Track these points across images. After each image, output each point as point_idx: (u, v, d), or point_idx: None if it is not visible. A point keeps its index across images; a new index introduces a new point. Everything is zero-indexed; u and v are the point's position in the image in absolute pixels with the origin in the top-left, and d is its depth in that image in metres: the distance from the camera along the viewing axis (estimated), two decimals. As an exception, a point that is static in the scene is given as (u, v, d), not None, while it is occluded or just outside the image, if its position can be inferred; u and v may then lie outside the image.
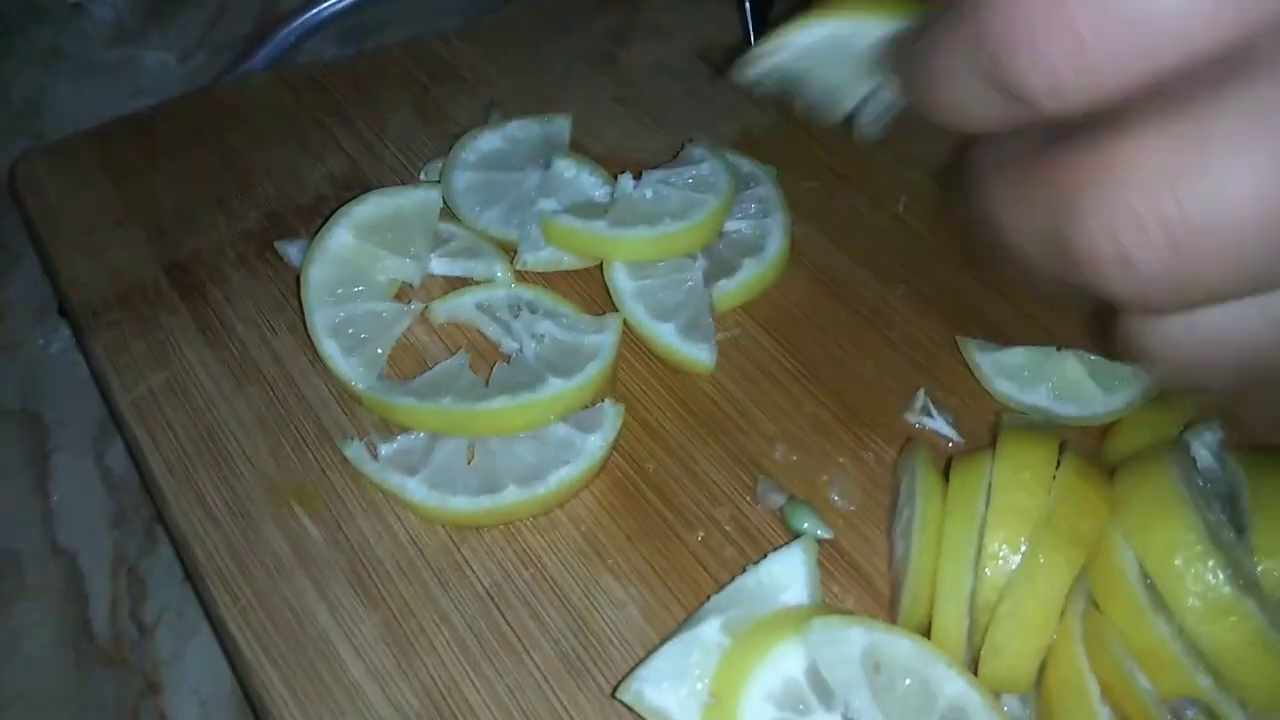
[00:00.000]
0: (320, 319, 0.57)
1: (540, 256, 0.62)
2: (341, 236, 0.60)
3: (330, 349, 0.57)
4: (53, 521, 0.60)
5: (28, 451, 0.63)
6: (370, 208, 0.61)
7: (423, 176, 0.70)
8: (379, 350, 0.58)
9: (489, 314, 0.59)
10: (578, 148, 0.73)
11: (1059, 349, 0.59)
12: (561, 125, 0.70)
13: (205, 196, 0.69)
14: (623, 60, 0.80)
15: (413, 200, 0.62)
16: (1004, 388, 0.59)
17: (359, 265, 0.60)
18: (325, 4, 0.87)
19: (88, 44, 0.90)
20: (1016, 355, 0.60)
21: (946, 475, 0.53)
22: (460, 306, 0.60)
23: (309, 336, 0.58)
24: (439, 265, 0.63)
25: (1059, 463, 0.50)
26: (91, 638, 0.56)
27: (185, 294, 0.63)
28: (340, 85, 0.77)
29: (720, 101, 0.77)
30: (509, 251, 0.63)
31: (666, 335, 0.59)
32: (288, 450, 0.56)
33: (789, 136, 0.74)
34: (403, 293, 0.63)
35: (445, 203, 0.64)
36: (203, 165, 0.71)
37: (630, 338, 0.61)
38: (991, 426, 0.58)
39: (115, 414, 0.59)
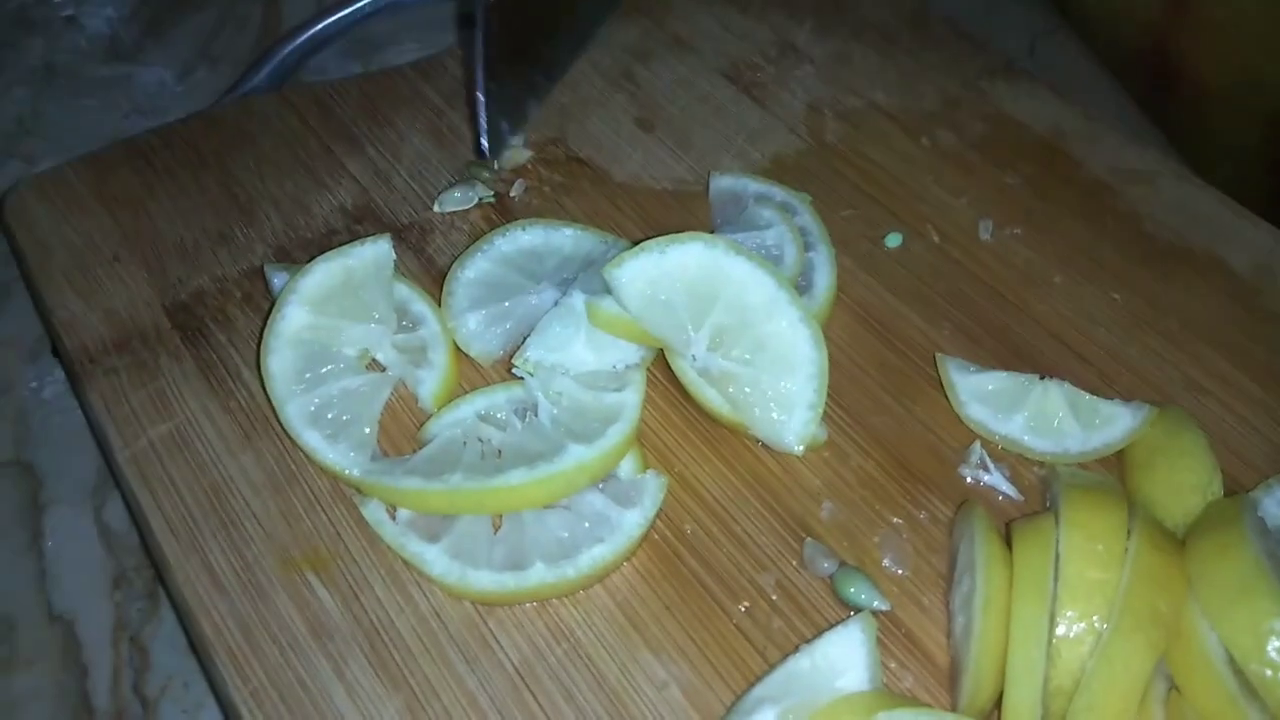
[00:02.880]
0: (293, 411, 0.53)
1: (550, 358, 0.54)
2: (295, 316, 0.54)
3: (313, 441, 0.52)
4: (48, 583, 0.56)
5: (20, 505, 0.59)
6: (318, 277, 0.55)
7: (437, 208, 0.66)
8: (366, 429, 0.53)
9: (493, 422, 0.54)
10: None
11: (1043, 378, 0.56)
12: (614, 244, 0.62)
13: (208, 229, 0.65)
14: (643, 78, 0.76)
15: (361, 260, 0.56)
16: (977, 413, 0.56)
17: (321, 343, 0.55)
18: (331, 18, 0.83)
19: (82, 60, 0.86)
20: (996, 380, 0.56)
21: (1004, 537, 0.49)
22: (458, 419, 0.54)
23: (285, 432, 0.53)
24: (385, 356, 0.57)
25: (1129, 530, 0.46)
26: (91, 713, 0.52)
27: (188, 337, 0.59)
28: (349, 107, 0.73)
29: (749, 124, 0.73)
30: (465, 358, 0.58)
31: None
32: (300, 510, 0.52)
33: (822, 161, 0.71)
34: (376, 361, 0.58)
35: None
36: (205, 195, 0.67)
37: (658, 380, 0.57)
38: (1042, 480, 0.54)
39: (114, 470, 0.56)
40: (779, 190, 0.65)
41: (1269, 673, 0.42)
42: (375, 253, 0.57)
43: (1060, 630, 0.44)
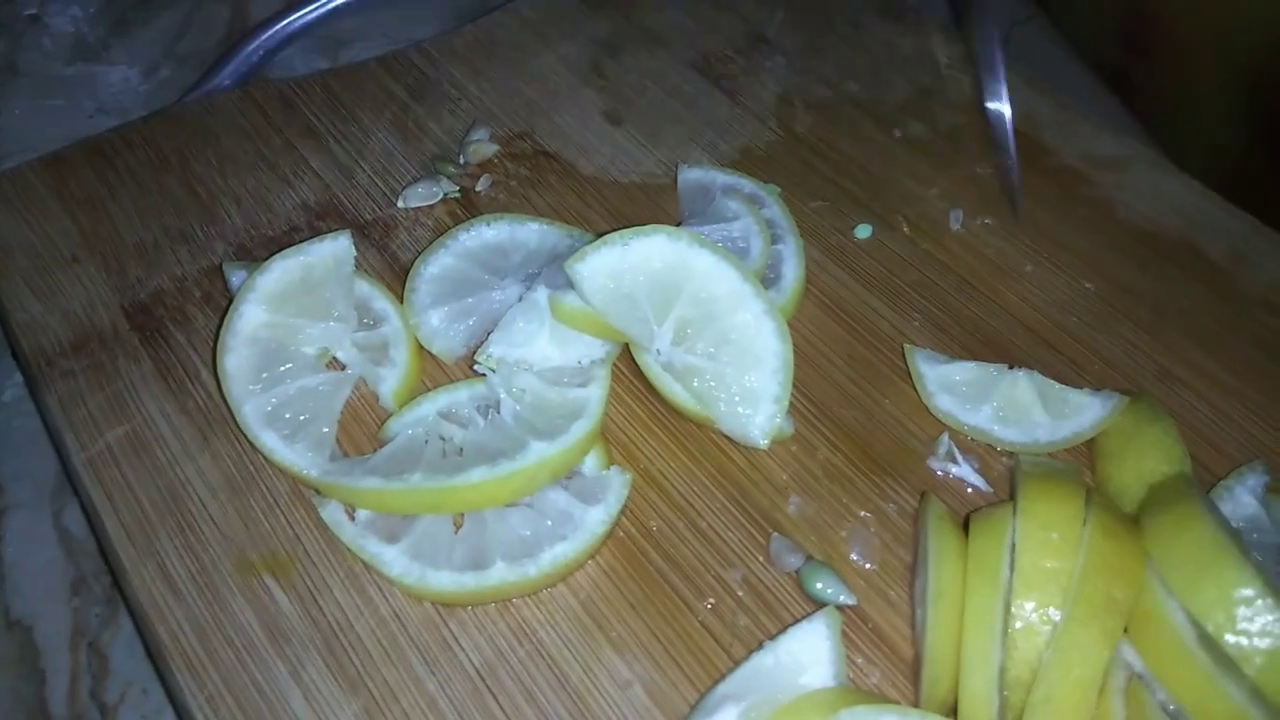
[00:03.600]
0: (250, 411, 0.52)
1: (513, 354, 0.54)
2: (252, 314, 0.53)
3: (270, 441, 0.51)
4: (6, 589, 0.55)
5: (-22, 511, 0.58)
6: (276, 275, 0.54)
7: (401, 204, 0.65)
8: (324, 429, 0.52)
9: (455, 420, 0.53)
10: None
11: (1011, 367, 0.55)
12: (580, 237, 0.61)
13: (168, 228, 0.64)
14: (613, 71, 0.75)
15: (321, 256, 0.55)
16: (945, 404, 0.55)
17: (279, 342, 0.54)
18: (296, 15, 0.82)
19: (45, 59, 0.85)
20: (965, 370, 0.56)
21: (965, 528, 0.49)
22: (420, 418, 0.53)
23: (242, 433, 0.52)
24: (345, 355, 0.56)
25: (1085, 518, 0.45)
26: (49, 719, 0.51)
27: (146, 338, 0.58)
28: (313, 103, 0.72)
29: (719, 116, 0.72)
30: (427, 356, 0.57)
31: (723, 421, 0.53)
32: (258, 512, 0.51)
33: (791, 153, 0.70)
34: (336, 360, 0.57)
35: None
36: (165, 194, 0.66)
37: (622, 375, 0.56)
38: (1010, 470, 0.54)
39: (70, 474, 0.55)
40: (747, 182, 0.64)
41: (1245, 642, 0.42)
42: (335, 249, 0.56)
43: (1016, 621, 0.43)
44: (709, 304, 0.52)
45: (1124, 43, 0.90)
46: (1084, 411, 0.53)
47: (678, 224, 0.60)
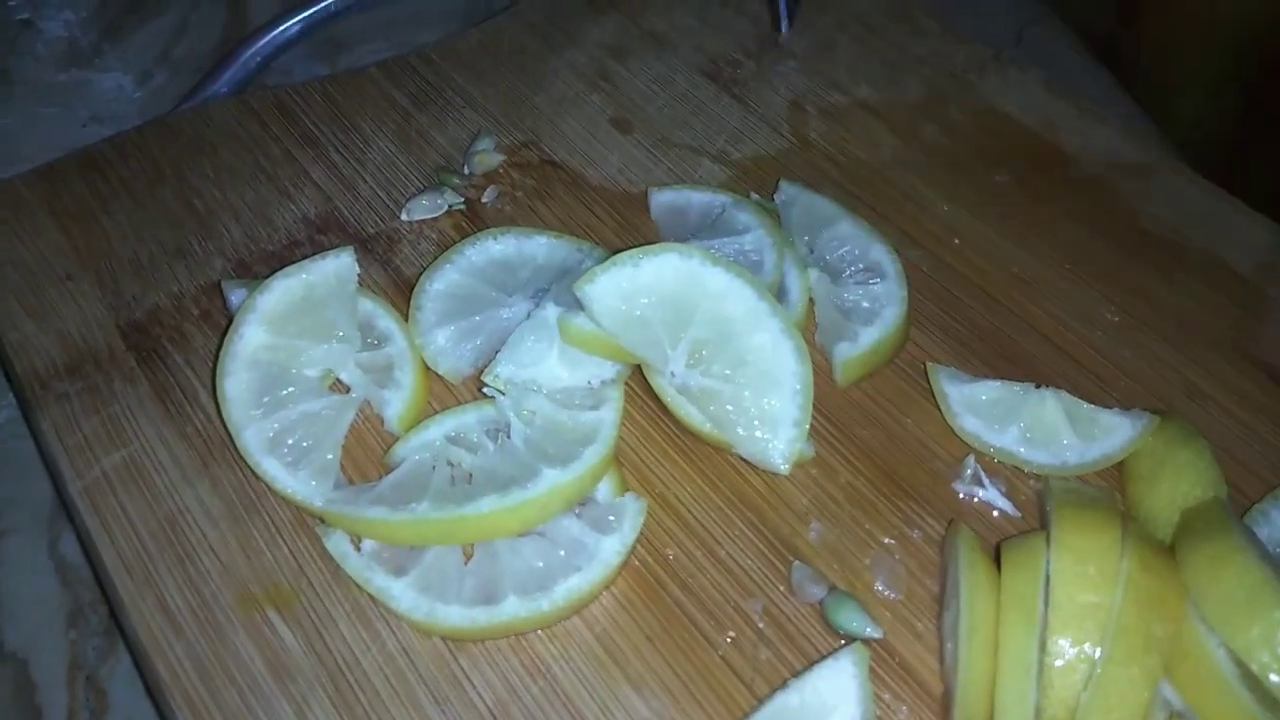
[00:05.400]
0: (251, 437, 0.50)
1: (521, 374, 0.52)
2: (252, 336, 0.51)
3: (272, 469, 0.49)
4: (0, 620, 0.53)
5: (-29, 538, 0.56)
6: (277, 295, 0.52)
7: (405, 216, 0.63)
8: (329, 455, 0.50)
9: (464, 445, 0.51)
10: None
11: (1039, 386, 0.53)
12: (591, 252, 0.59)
13: (164, 243, 0.62)
14: (620, 77, 0.74)
15: (323, 275, 0.53)
16: (971, 425, 0.53)
17: (281, 365, 0.52)
18: (294, 18, 0.80)
19: (38, 66, 0.83)
20: (990, 390, 0.54)
21: (997, 556, 0.47)
22: (427, 442, 0.51)
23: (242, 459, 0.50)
24: (348, 375, 0.54)
25: (1121, 550, 0.44)
26: (44, 759, 0.49)
27: (143, 359, 0.56)
28: (313, 111, 0.70)
29: (729, 123, 0.70)
30: (434, 377, 0.55)
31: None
32: (260, 543, 0.50)
33: (805, 160, 0.68)
34: (340, 382, 0.55)
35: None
36: (161, 207, 0.64)
37: (636, 395, 0.55)
38: (1038, 494, 0.52)
39: (65, 501, 0.53)
40: (723, 197, 0.62)
41: None
42: (337, 267, 0.54)
43: (1053, 659, 0.41)
44: (724, 324, 0.50)
45: (1118, 11, 0.89)
46: (1114, 433, 0.51)
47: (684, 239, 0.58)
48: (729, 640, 0.47)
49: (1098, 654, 0.41)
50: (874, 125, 0.71)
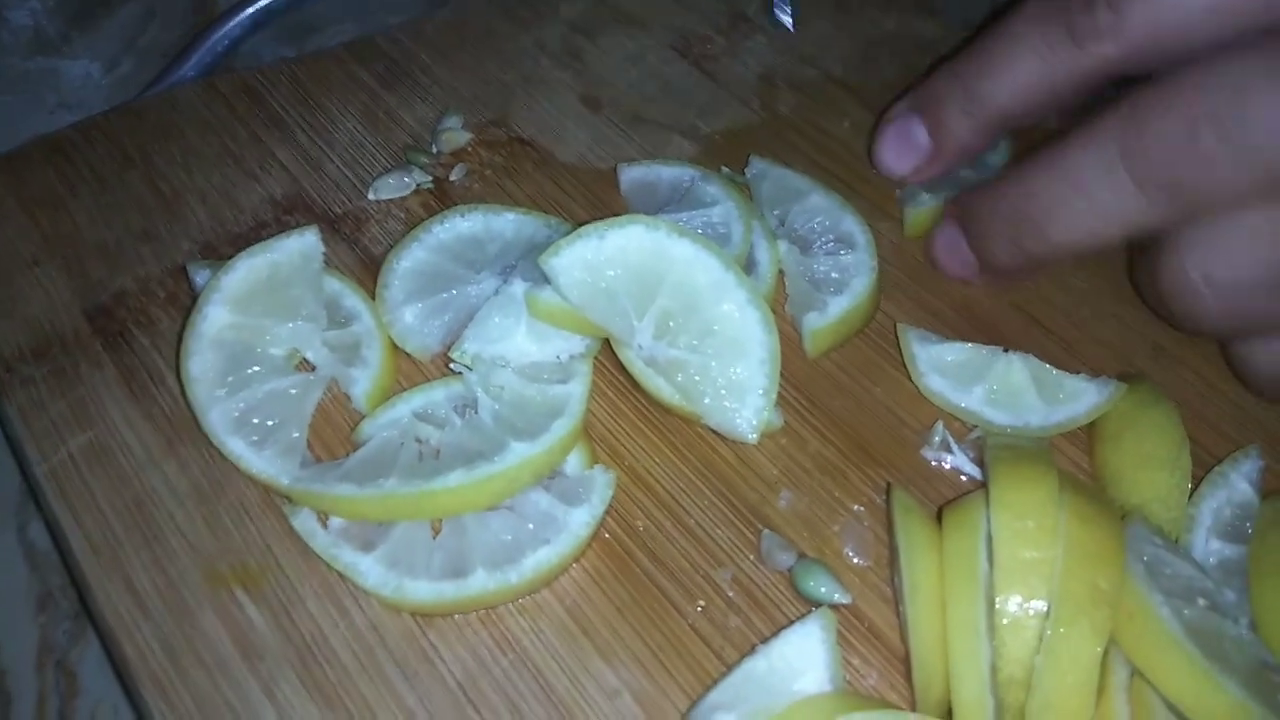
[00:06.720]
0: (216, 417, 0.49)
1: (489, 349, 0.52)
2: (217, 316, 0.51)
3: (238, 448, 0.49)
4: (-31, 607, 0.53)
5: (-61, 525, 0.56)
6: (241, 274, 0.52)
7: (372, 195, 0.63)
8: (295, 434, 0.50)
9: (432, 421, 0.50)
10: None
11: (1006, 350, 0.53)
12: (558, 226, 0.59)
13: (131, 227, 0.62)
14: (590, 54, 0.73)
15: (287, 253, 0.53)
16: (936, 384, 0.53)
17: (246, 344, 0.52)
18: (260, 2, 0.80)
19: (5, 54, 0.82)
20: (958, 351, 0.54)
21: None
22: (394, 420, 0.51)
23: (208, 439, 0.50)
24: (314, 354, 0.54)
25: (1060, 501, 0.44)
26: (15, 743, 0.49)
27: (109, 343, 0.56)
28: (279, 93, 0.70)
29: (699, 99, 0.70)
30: (402, 355, 0.55)
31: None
32: (227, 522, 0.49)
33: (776, 134, 0.68)
34: (306, 361, 0.54)
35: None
36: (128, 191, 0.64)
37: (605, 368, 0.54)
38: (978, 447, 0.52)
39: (32, 485, 0.53)
40: (691, 170, 0.62)
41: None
42: (302, 246, 0.54)
43: (1002, 618, 0.41)
44: (690, 295, 0.50)
45: None
46: (1079, 397, 0.51)
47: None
48: (699, 609, 0.47)
49: (1045, 608, 0.41)
50: (845, 99, 0.70)
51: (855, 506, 0.50)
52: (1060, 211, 0.47)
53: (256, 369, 0.51)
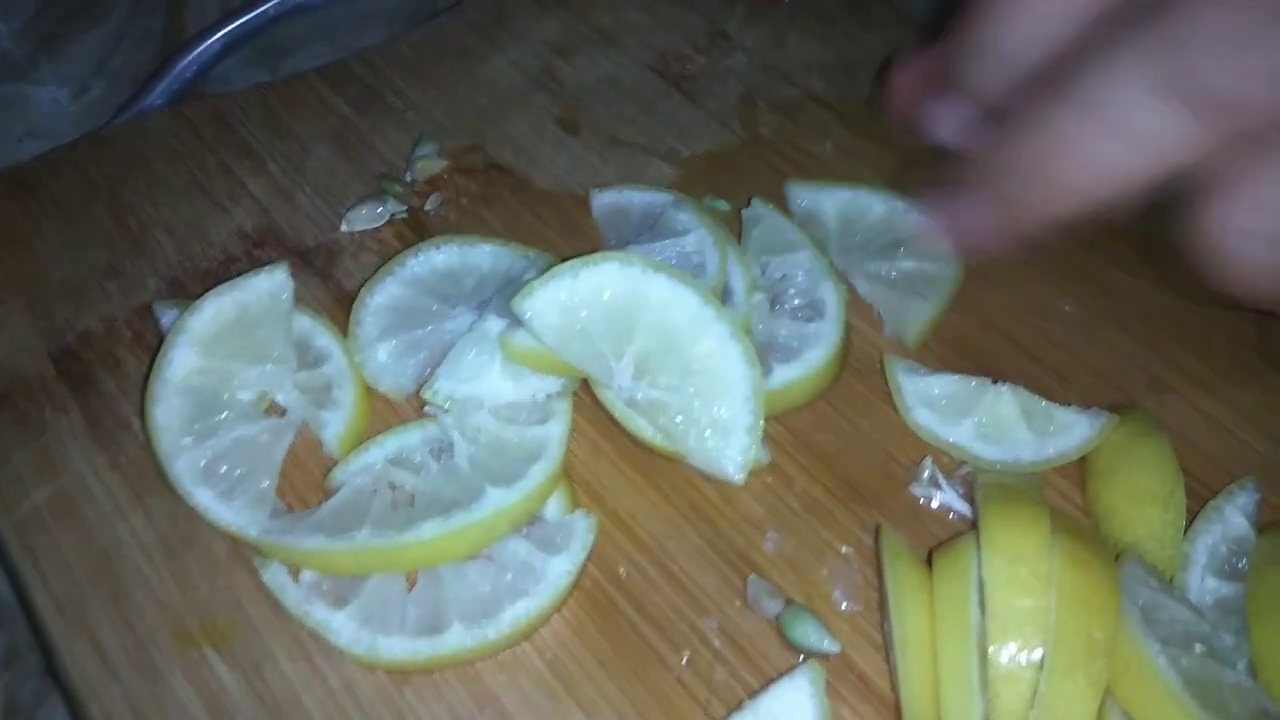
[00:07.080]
0: (183, 467, 0.48)
1: (462, 389, 0.50)
2: (183, 360, 0.49)
3: (205, 499, 0.47)
4: (-68, 664, 0.52)
5: (-100, 578, 0.54)
6: (209, 315, 0.50)
7: (345, 227, 0.61)
8: (264, 483, 0.48)
9: (407, 466, 0.49)
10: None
11: (995, 382, 0.52)
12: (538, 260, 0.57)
13: (96, 264, 0.60)
14: (566, 75, 0.72)
15: (256, 293, 0.51)
16: (924, 418, 0.52)
17: (213, 389, 0.50)
18: (232, 24, 0.78)
19: (-31, 81, 0.80)
20: (945, 384, 0.53)
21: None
22: (367, 465, 0.49)
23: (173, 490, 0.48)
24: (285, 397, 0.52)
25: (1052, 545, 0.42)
26: (-20, 808, 0.48)
27: (75, 386, 0.54)
28: (250, 121, 0.68)
29: (679, 120, 0.69)
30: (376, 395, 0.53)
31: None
32: (195, 576, 0.48)
33: (757, 157, 0.66)
34: (276, 404, 0.53)
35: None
36: (94, 225, 0.62)
37: (585, 404, 0.53)
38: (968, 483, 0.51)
39: (-5, 539, 0.51)
40: (664, 196, 0.60)
41: None
42: (270, 284, 0.52)
43: (995, 669, 0.40)
44: (668, 333, 0.48)
45: None
46: (1070, 430, 0.50)
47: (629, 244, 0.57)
48: (684, 661, 0.45)
49: (1039, 657, 0.40)
50: (827, 119, 0.69)
51: (843, 548, 0.49)
52: (1098, 151, 0.39)
53: (224, 415, 0.50)
